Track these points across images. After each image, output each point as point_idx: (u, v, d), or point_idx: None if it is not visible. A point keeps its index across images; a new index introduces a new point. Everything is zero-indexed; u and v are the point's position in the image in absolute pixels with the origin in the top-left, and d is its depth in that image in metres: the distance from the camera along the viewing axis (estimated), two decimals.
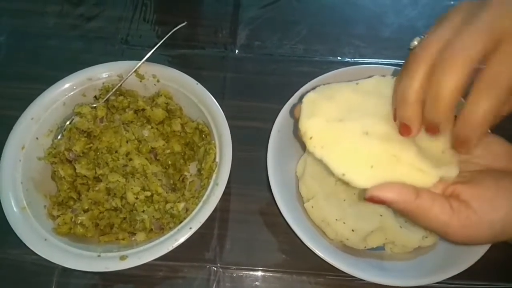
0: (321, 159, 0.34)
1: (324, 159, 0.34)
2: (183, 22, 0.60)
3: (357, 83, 0.37)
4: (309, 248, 0.46)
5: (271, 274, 0.53)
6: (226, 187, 0.57)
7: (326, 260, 0.44)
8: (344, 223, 0.47)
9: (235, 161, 0.59)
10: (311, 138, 0.35)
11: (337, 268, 0.47)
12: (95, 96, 0.57)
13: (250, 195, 0.57)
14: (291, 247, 0.54)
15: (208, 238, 0.55)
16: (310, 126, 0.35)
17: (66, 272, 0.52)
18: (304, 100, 0.37)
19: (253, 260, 0.53)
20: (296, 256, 0.53)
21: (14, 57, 0.68)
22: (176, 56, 0.68)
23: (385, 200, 0.32)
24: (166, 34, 0.65)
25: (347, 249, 0.48)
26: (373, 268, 0.45)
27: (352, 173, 0.33)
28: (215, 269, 0.53)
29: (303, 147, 0.56)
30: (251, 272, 0.53)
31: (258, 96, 0.64)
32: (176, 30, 0.58)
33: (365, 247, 0.48)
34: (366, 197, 0.32)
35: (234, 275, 0.53)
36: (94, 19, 0.71)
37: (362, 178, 0.33)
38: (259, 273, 0.53)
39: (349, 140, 0.34)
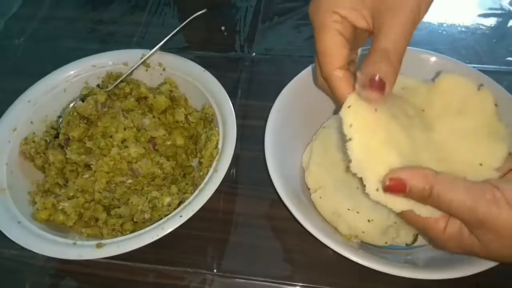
0: None
1: None
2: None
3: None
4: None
5: (274, 285, 0.44)
6: (232, 187, 0.52)
7: (342, 254, 0.36)
8: (358, 212, 0.38)
9: (244, 161, 0.53)
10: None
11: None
12: (97, 85, 0.54)
13: (257, 196, 0.51)
14: (300, 256, 0.46)
15: (206, 241, 0.48)
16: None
17: (44, 269, 0.46)
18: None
19: (255, 269, 0.45)
20: (304, 267, 0.45)
21: (30, 57, 0.68)
22: (191, 59, 0.65)
23: (403, 179, 0.29)
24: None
25: (366, 249, 0.39)
26: (403, 262, 0.36)
27: None
28: (211, 276, 0.45)
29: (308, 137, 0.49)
30: (251, 282, 0.45)
31: (272, 96, 0.59)
32: (192, 19, 0.56)
33: (386, 242, 0.39)
34: (385, 188, 0.29)
35: (232, 285, 0.45)
36: (111, 23, 0.71)
37: None
38: (261, 284, 0.44)
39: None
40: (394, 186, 0.29)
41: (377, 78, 0.30)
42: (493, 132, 0.33)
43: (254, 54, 0.65)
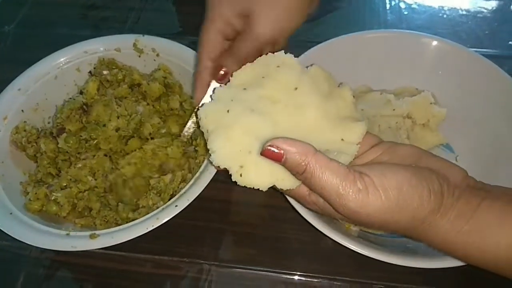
0: None
1: None
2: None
3: None
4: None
5: (272, 274, 0.44)
6: (229, 176, 0.50)
7: (340, 243, 0.35)
8: None
9: None
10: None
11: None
12: (89, 72, 0.53)
13: None
14: (298, 245, 0.45)
15: (203, 231, 0.47)
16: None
17: (38, 260, 0.46)
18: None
19: (252, 259, 0.45)
20: (303, 256, 0.45)
21: (20, 44, 0.66)
22: (186, 44, 0.64)
23: (283, 148, 0.30)
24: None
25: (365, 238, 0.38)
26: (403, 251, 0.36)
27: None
28: (208, 266, 0.45)
29: None
30: (249, 271, 0.44)
31: None
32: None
33: None
34: (262, 151, 0.31)
35: (230, 274, 0.44)
36: (103, 8, 0.69)
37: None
38: (259, 274, 0.44)
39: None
40: (271, 154, 0.30)
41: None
42: (353, 116, 0.36)
43: None
